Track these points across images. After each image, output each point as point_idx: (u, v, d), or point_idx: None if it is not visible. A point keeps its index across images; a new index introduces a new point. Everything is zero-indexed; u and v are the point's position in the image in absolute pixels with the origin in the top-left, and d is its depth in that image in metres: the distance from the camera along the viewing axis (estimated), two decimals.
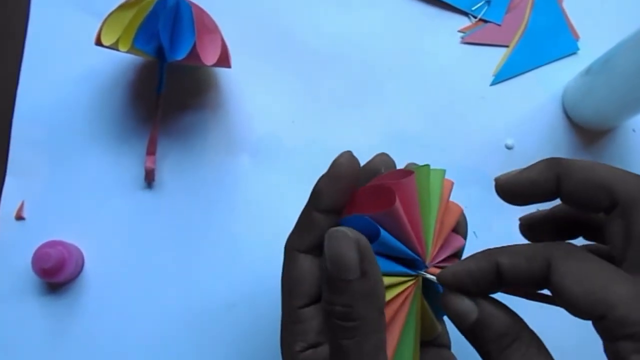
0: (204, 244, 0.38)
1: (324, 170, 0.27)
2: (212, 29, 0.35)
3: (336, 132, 0.40)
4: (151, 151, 0.38)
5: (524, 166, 0.26)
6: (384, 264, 0.23)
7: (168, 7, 0.34)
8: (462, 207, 0.27)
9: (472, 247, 0.38)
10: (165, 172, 0.39)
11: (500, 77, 0.42)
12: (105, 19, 0.34)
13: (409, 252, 0.23)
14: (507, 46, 0.42)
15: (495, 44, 0.42)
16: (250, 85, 0.40)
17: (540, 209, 0.29)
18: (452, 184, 0.26)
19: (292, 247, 0.25)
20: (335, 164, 0.24)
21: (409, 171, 0.24)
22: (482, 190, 0.40)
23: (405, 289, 0.23)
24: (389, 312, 0.23)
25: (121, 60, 0.40)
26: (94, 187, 0.38)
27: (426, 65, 0.41)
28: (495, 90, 0.41)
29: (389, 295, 0.23)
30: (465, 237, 0.27)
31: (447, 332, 0.28)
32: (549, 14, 0.43)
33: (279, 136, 0.40)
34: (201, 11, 0.35)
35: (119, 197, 0.38)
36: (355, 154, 0.39)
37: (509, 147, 0.40)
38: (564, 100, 0.41)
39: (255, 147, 0.39)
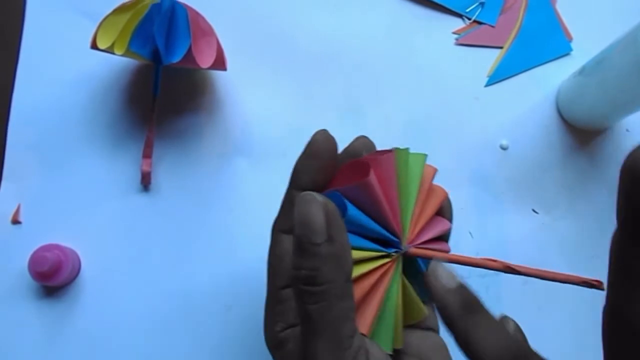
0: (200, 246, 0.38)
1: None
2: (207, 31, 0.36)
3: (332, 134, 0.40)
4: (147, 154, 0.38)
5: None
6: (355, 240, 0.23)
7: (163, 11, 0.34)
8: (448, 191, 0.27)
9: (468, 247, 0.39)
10: (161, 175, 0.39)
11: (495, 78, 0.42)
12: (101, 23, 0.34)
13: (381, 229, 0.23)
14: (501, 47, 0.42)
15: (489, 45, 0.42)
16: (246, 88, 0.40)
17: None
18: (435, 170, 0.26)
19: (276, 228, 0.25)
20: (310, 142, 0.25)
21: (388, 150, 0.24)
22: (477, 190, 0.40)
23: (380, 267, 0.23)
24: (362, 287, 0.23)
25: (117, 64, 0.40)
26: (90, 190, 0.38)
27: (421, 66, 0.42)
28: (490, 91, 0.42)
29: (361, 269, 0.23)
30: (450, 220, 0.27)
31: (435, 317, 0.27)
32: (542, 15, 0.43)
33: (274, 138, 0.40)
34: (196, 14, 0.36)
35: (115, 200, 0.38)
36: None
37: (503, 148, 0.41)
38: (558, 100, 0.41)
39: (251, 150, 0.39)
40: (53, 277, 0.35)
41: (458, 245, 0.39)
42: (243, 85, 0.40)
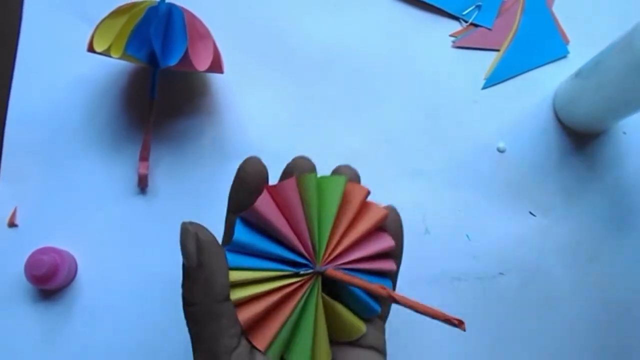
0: None
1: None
2: (204, 34, 0.36)
3: (328, 136, 0.40)
4: (144, 157, 0.38)
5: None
6: (254, 262, 0.25)
7: (160, 14, 0.34)
8: (388, 207, 0.27)
9: (465, 249, 0.39)
10: (158, 178, 0.39)
11: (492, 80, 0.42)
12: (98, 26, 0.34)
13: (282, 251, 0.25)
14: (498, 50, 0.42)
15: (486, 48, 0.42)
16: (243, 91, 0.40)
17: None
18: (367, 191, 0.27)
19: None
20: (239, 169, 0.27)
21: (291, 177, 0.25)
22: (474, 193, 0.40)
23: (287, 285, 0.25)
24: (263, 305, 0.24)
25: (113, 67, 0.40)
26: (87, 193, 0.38)
27: (418, 69, 0.42)
28: (487, 94, 0.42)
29: (261, 288, 0.25)
30: (397, 238, 0.27)
31: (381, 336, 0.28)
32: (539, 18, 0.43)
33: (271, 141, 0.40)
34: (193, 17, 0.36)
35: (112, 203, 0.38)
36: (346, 157, 0.39)
37: (500, 150, 0.41)
38: (555, 103, 0.41)
39: (247, 152, 0.39)
40: (50, 281, 0.35)
41: (455, 247, 0.39)
42: (240, 87, 0.40)
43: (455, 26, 0.43)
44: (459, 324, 0.22)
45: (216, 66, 0.36)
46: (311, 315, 0.25)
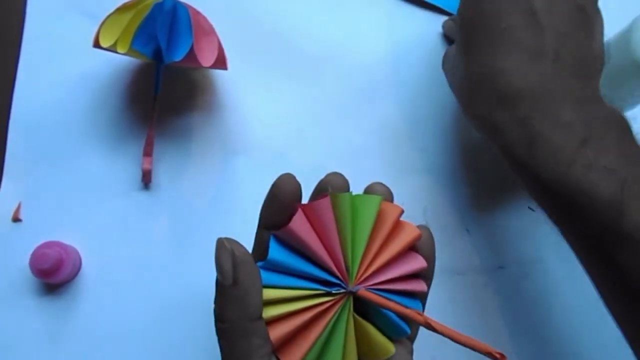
0: (200, 243, 0.38)
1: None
2: (209, 31, 0.36)
3: (331, 133, 0.41)
4: (148, 152, 0.38)
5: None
6: (287, 280, 0.25)
7: (165, 10, 0.34)
8: (422, 227, 0.27)
9: (465, 244, 0.39)
10: (162, 173, 0.39)
11: None
12: (104, 21, 0.34)
13: (314, 270, 0.25)
14: None
15: None
16: (246, 87, 0.41)
17: None
18: (401, 210, 0.27)
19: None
20: (273, 185, 0.27)
21: (326, 195, 0.25)
22: (474, 188, 0.40)
23: (319, 304, 0.25)
24: (294, 324, 0.25)
25: (117, 63, 0.40)
26: (91, 188, 0.38)
27: (419, 67, 0.42)
28: None
29: (294, 307, 0.25)
30: (429, 259, 0.27)
31: (408, 356, 0.28)
32: None
33: (274, 137, 0.40)
34: (198, 14, 0.36)
35: (116, 198, 0.38)
36: (349, 153, 0.40)
37: None
38: None
39: (251, 148, 0.40)
40: (54, 274, 0.35)
41: (455, 241, 0.39)
42: (243, 84, 0.41)
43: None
44: (501, 358, 0.21)
45: (220, 62, 0.36)
46: (341, 334, 0.25)
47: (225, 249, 0.24)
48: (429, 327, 0.23)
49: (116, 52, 0.34)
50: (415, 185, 0.40)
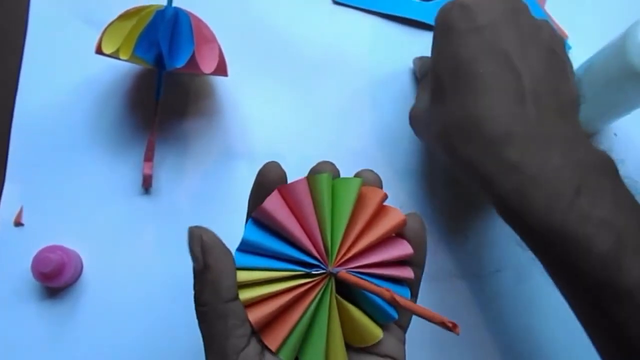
0: None
1: None
2: (210, 38, 0.36)
3: (330, 138, 0.41)
4: (149, 157, 0.39)
5: None
6: (263, 262, 0.25)
7: (167, 17, 0.35)
8: (412, 214, 0.28)
9: (463, 247, 0.40)
10: (163, 178, 0.39)
11: None
12: (106, 29, 0.34)
13: (291, 251, 0.25)
14: None
15: None
16: (246, 93, 0.41)
17: None
18: (384, 194, 0.27)
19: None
20: (258, 174, 0.27)
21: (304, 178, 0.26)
22: (470, 192, 0.41)
23: (299, 286, 0.25)
24: (274, 306, 0.25)
25: (119, 69, 0.41)
26: (92, 192, 0.39)
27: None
28: None
29: (271, 288, 0.25)
30: (420, 247, 0.28)
31: (400, 344, 0.28)
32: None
33: (274, 143, 0.41)
34: (199, 21, 0.37)
35: (117, 203, 0.39)
36: (348, 158, 0.40)
37: None
38: None
39: (251, 154, 0.40)
40: (56, 278, 0.35)
41: (452, 246, 0.40)
42: (243, 90, 0.41)
43: None
44: (452, 327, 0.22)
45: (221, 69, 0.37)
46: (324, 317, 0.25)
47: (194, 235, 0.25)
48: (394, 302, 0.24)
49: (118, 59, 0.35)
50: (413, 189, 0.41)
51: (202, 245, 0.25)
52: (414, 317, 0.27)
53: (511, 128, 0.29)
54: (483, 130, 0.29)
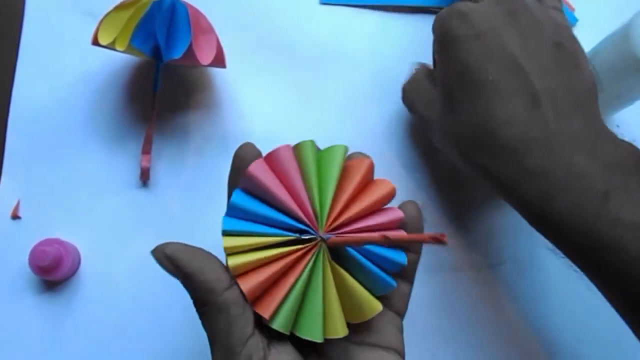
0: (198, 241, 0.38)
1: None
2: (207, 29, 0.36)
3: (330, 131, 0.41)
4: (146, 150, 0.38)
5: None
6: (253, 227, 0.25)
7: (164, 8, 0.34)
8: (410, 202, 0.28)
9: (463, 240, 0.39)
10: (160, 171, 0.39)
11: None
12: (102, 19, 0.34)
13: (278, 215, 0.25)
14: None
15: None
16: (245, 85, 0.41)
17: None
18: (370, 162, 0.27)
19: None
20: (233, 157, 0.27)
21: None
22: (471, 186, 0.40)
23: (292, 252, 0.24)
24: (269, 273, 0.24)
25: (117, 61, 0.40)
26: (90, 185, 0.38)
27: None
28: None
29: (257, 255, 0.24)
30: (416, 232, 0.27)
31: (400, 335, 0.28)
32: None
33: (272, 135, 0.40)
34: (197, 12, 0.36)
35: (115, 196, 0.39)
36: (348, 152, 0.40)
37: None
38: None
39: None
40: (54, 272, 0.35)
41: (453, 239, 0.39)
42: (242, 82, 0.41)
43: None
44: (440, 237, 0.21)
45: (219, 61, 0.36)
46: (318, 285, 0.25)
47: (159, 255, 0.24)
48: (388, 240, 0.23)
49: (115, 50, 0.34)
50: (413, 183, 0.40)
51: (168, 258, 0.24)
52: (416, 312, 0.27)
53: (529, 133, 0.28)
54: (500, 139, 0.29)
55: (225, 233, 0.25)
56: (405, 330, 0.29)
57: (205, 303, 0.24)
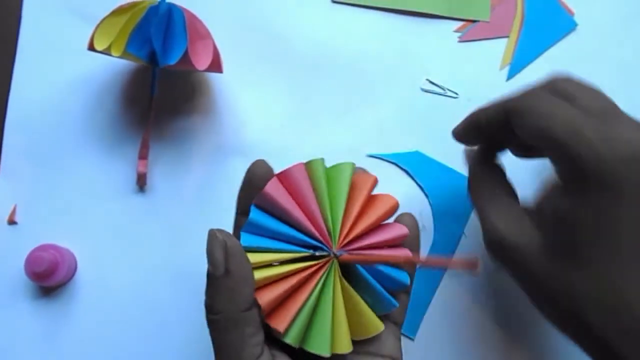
0: (195, 247, 0.38)
1: None
2: (204, 34, 0.36)
3: (327, 135, 0.41)
4: (143, 155, 0.38)
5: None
6: (270, 243, 0.25)
7: (160, 13, 0.34)
8: (409, 215, 0.29)
9: (463, 245, 0.39)
10: (157, 176, 0.39)
11: (514, 71, 0.42)
12: (98, 25, 0.34)
13: (294, 232, 0.25)
14: (507, 37, 0.42)
15: (494, 37, 0.42)
16: (242, 90, 0.41)
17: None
18: (375, 179, 0.28)
19: None
20: (246, 172, 0.27)
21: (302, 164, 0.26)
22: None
23: (306, 268, 0.25)
24: (283, 288, 0.25)
25: (114, 66, 0.40)
26: (86, 191, 0.38)
27: (416, 69, 0.42)
28: (512, 85, 0.41)
29: (281, 270, 0.25)
30: (413, 240, 0.28)
31: (399, 344, 0.28)
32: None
33: (269, 140, 0.40)
34: (193, 17, 0.36)
35: (111, 201, 0.38)
36: (344, 155, 0.40)
37: None
38: None
39: (246, 151, 0.40)
40: (49, 277, 0.35)
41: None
42: (239, 87, 0.41)
43: (456, 23, 0.43)
44: (474, 263, 0.22)
45: (216, 66, 0.36)
46: (329, 301, 0.25)
47: (217, 239, 0.24)
48: (415, 261, 0.25)
49: (111, 56, 0.34)
50: (411, 188, 0.40)
51: (225, 249, 0.24)
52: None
53: None
54: (634, 312, 0.23)
55: (244, 249, 0.25)
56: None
57: (220, 311, 0.24)
